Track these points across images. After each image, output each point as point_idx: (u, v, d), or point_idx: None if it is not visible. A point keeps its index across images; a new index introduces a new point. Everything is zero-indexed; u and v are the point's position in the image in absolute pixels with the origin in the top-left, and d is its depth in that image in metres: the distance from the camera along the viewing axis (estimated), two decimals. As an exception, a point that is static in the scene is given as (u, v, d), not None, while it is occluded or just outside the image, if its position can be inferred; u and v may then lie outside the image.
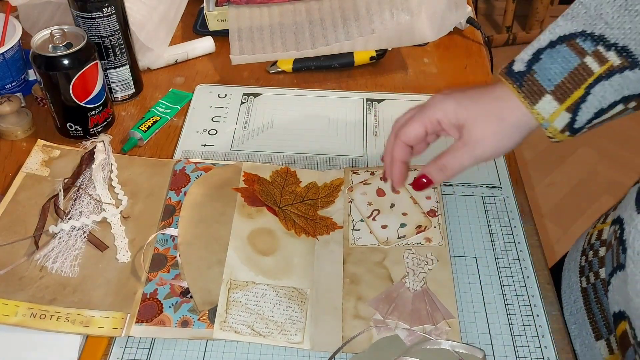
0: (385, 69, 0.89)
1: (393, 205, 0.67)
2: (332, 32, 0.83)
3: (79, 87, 0.71)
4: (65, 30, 0.71)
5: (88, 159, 0.70)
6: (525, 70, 0.50)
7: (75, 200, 0.66)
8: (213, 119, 0.80)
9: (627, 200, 0.57)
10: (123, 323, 0.56)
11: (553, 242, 1.78)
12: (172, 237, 0.63)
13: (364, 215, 0.66)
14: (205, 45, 0.91)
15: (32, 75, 0.83)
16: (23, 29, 0.80)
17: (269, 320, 0.57)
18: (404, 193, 0.68)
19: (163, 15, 0.87)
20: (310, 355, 0.55)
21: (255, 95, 0.84)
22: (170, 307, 0.57)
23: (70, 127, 0.75)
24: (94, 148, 0.71)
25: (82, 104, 0.72)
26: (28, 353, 0.55)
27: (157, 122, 0.78)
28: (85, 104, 0.73)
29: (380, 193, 0.69)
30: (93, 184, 0.67)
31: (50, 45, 0.70)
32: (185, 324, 0.56)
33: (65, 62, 0.69)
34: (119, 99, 0.82)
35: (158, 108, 0.80)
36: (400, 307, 0.58)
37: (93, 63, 0.71)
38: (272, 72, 0.88)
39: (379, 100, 0.83)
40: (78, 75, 0.70)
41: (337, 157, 0.75)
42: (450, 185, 0.71)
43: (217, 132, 0.78)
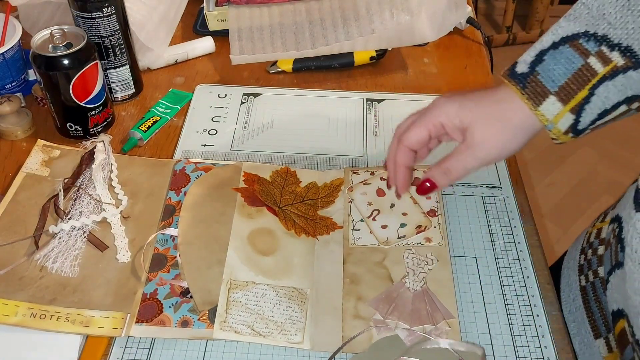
0: (385, 69, 0.89)
1: (393, 205, 0.67)
2: (332, 32, 0.83)
3: (79, 87, 0.71)
4: (65, 30, 0.71)
5: (88, 159, 0.70)
6: (529, 72, 0.50)
7: (75, 200, 0.66)
8: (213, 119, 0.80)
9: (625, 199, 0.57)
10: (123, 323, 0.56)
11: (553, 242, 1.78)
12: (172, 237, 0.63)
13: (364, 215, 0.66)
14: (205, 45, 0.91)
15: (32, 75, 0.83)
16: (23, 29, 0.80)
17: (269, 320, 0.57)
18: (404, 193, 0.68)
19: (163, 15, 0.87)
20: (310, 355, 0.55)
21: (255, 95, 0.84)
22: (170, 307, 0.57)
23: (70, 127, 0.75)
24: (94, 148, 0.71)
25: (82, 104, 0.73)
26: (28, 353, 0.55)
27: (157, 122, 0.78)
28: (85, 104, 0.73)
29: (380, 193, 0.69)
30: (93, 184, 0.67)
31: (50, 45, 0.70)
32: (185, 324, 0.56)
33: (65, 62, 0.69)
34: (119, 99, 0.82)
35: (158, 108, 0.80)
36: (400, 307, 0.58)
37: (93, 63, 0.71)
38: (272, 72, 0.88)
39: (379, 100, 0.83)
40: (78, 75, 0.70)
41: (337, 157, 0.75)
42: (450, 186, 0.71)
43: (217, 132, 0.78)
